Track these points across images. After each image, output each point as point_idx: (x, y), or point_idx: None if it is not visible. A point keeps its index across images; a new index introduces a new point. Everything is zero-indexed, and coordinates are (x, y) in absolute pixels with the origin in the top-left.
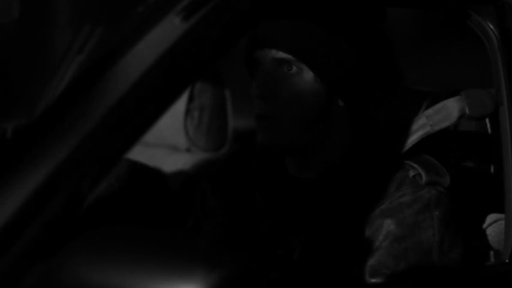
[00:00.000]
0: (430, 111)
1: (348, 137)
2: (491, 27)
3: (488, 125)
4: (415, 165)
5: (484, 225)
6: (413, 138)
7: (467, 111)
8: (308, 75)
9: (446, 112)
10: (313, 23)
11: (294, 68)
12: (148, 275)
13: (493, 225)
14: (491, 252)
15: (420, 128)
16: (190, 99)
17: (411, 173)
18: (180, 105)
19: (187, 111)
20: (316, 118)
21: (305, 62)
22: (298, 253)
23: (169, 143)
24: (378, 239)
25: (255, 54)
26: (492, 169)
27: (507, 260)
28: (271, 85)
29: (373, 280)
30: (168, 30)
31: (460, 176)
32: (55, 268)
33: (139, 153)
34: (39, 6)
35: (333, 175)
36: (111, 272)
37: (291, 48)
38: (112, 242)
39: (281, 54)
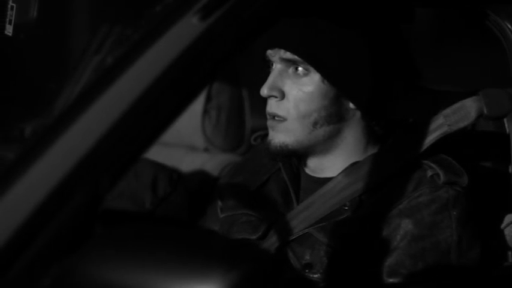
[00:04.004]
0: (448, 111)
1: (364, 138)
2: (510, 27)
3: (506, 125)
4: (433, 165)
5: (502, 226)
6: (431, 138)
7: (485, 111)
8: (315, 76)
9: (464, 112)
10: (325, 23)
11: (301, 69)
12: (166, 275)
13: (511, 226)
14: (510, 253)
15: (438, 127)
16: (208, 99)
17: (429, 173)
18: (197, 105)
19: (205, 111)
20: (324, 119)
21: (310, 62)
22: (323, 252)
23: (187, 143)
24: (395, 239)
25: (267, 53)
26: (510, 169)
27: None
28: (279, 85)
29: (390, 280)
30: (186, 29)
31: (477, 175)
32: (72, 268)
33: (157, 153)
34: (57, 6)
35: (352, 175)
36: (128, 272)
37: (295, 49)
38: (129, 242)
39: (288, 55)
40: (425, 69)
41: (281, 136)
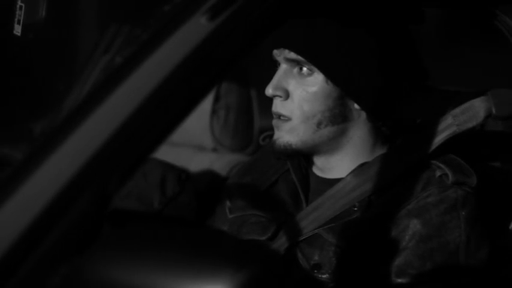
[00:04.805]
0: (456, 111)
1: (371, 138)
2: None
3: None
4: (442, 165)
5: (511, 226)
6: (439, 138)
7: (494, 111)
8: (319, 76)
9: (473, 112)
10: (331, 23)
11: (305, 69)
12: (174, 274)
13: None
14: None
15: (447, 127)
16: (217, 99)
17: (438, 173)
18: (206, 105)
19: (214, 111)
20: (328, 119)
21: (313, 62)
22: (332, 252)
23: (195, 143)
24: (404, 239)
25: (273, 53)
26: None
27: None
28: (283, 85)
29: (399, 280)
30: (195, 30)
31: (486, 176)
32: (81, 267)
33: (165, 153)
34: (65, 6)
35: (361, 176)
36: (136, 272)
37: (299, 49)
38: (137, 241)
39: (292, 55)
40: (434, 69)
41: (285, 136)
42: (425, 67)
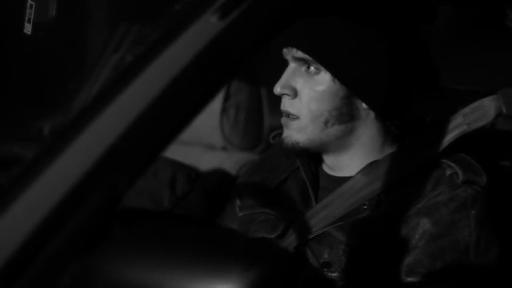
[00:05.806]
0: (466, 110)
1: (380, 137)
2: None
3: None
4: (452, 164)
5: None
6: (449, 137)
7: (504, 110)
8: (326, 75)
9: (483, 111)
10: (340, 22)
11: (312, 68)
12: (184, 272)
13: None
14: None
15: (457, 126)
16: (226, 98)
17: (448, 172)
18: (216, 104)
19: (223, 110)
20: (335, 118)
21: (319, 61)
22: (341, 251)
23: (205, 142)
24: (414, 238)
25: (283, 51)
26: None
27: None
28: (291, 83)
29: (409, 279)
30: (205, 29)
31: (496, 175)
32: (91, 266)
33: (175, 152)
34: (76, 5)
35: (370, 174)
36: (146, 270)
37: (305, 48)
38: (147, 240)
39: (300, 54)
40: (443, 68)
41: (294, 134)
42: (436, 66)
